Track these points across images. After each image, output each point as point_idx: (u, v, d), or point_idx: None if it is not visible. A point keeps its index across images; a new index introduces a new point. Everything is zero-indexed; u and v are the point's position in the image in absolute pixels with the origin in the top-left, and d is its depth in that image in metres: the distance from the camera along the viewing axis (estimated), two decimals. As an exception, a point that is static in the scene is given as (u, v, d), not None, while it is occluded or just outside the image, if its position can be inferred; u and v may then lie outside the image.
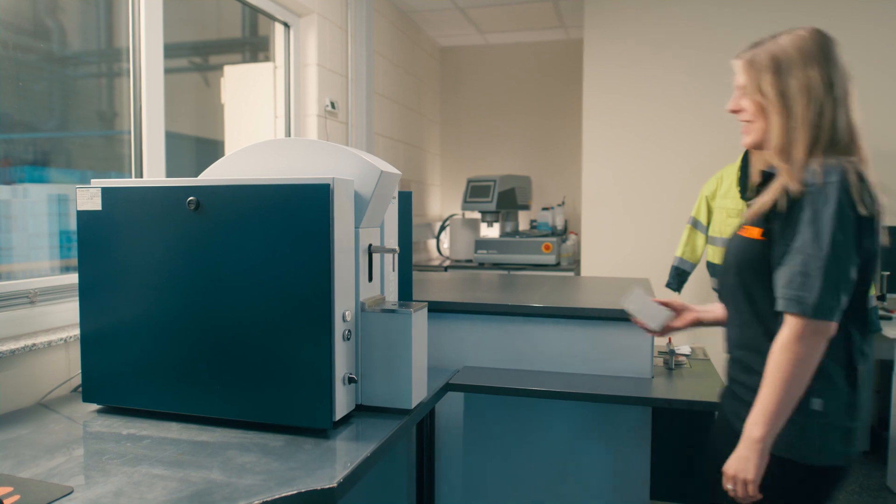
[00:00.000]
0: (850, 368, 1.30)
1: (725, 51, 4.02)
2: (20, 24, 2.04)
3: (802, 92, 1.32)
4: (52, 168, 2.15)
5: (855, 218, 1.23)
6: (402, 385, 1.60)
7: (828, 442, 1.29)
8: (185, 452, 1.35)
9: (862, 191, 1.25)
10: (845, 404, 1.29)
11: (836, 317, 1.22)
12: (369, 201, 1.59)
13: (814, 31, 1.38)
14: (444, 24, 4.92)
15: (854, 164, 1.27)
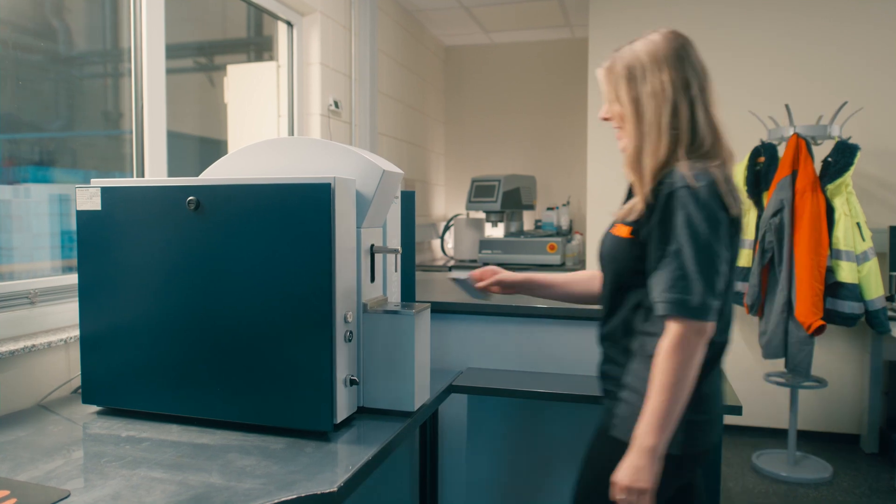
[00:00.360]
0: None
1: (730, 50, 4.00)
2: (26, 24, 2.04)
3: (654, 96, 1.33)
4: (57, 168, 2.15)
5: (724, 221, 1.26)
6: (404, 387, 1.58)
7: (680, 433, 1.29)
8: (185, 455, 1.33)
9: (728, 193, 1.27)
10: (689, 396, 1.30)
11: (714, 316, 1.24)
12: (371, 201, 1.57)
13: (668, 34, 1.39)
14: (449, 23, 4.90)
15: (721, 168, 1.30)
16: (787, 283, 3.24)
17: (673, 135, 1.32)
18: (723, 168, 1.31)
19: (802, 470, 3.43)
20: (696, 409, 1.32)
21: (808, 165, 3.25)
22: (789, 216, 3.24)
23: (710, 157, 1.32)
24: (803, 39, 3.88)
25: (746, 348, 3.99)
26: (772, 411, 3.94)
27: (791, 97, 3.70)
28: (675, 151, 1.31)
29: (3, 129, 1.96)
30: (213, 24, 3.11)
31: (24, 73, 2.01)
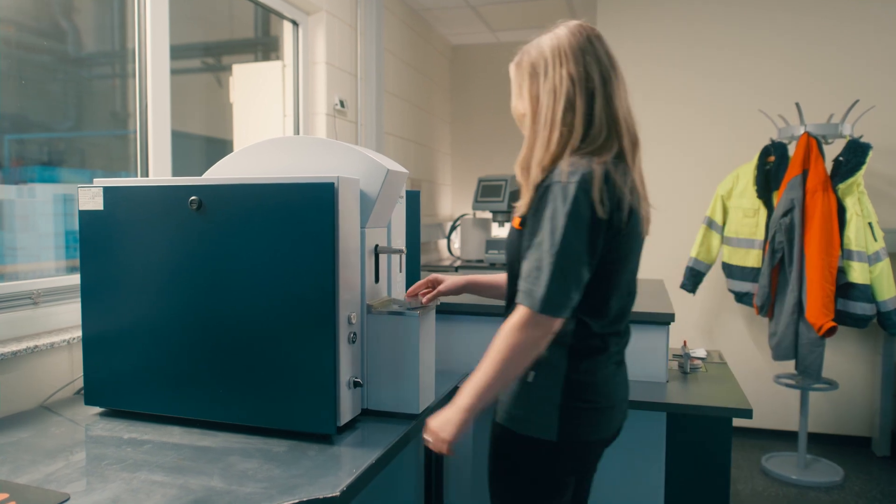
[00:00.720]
0: (574, 351, 1.34)
1: (739, 48, 3.96)
2: (35, 25, 2.04)
3: (552, 92, 1.33)
4: (64, 168, 2.14)
5: (589, 219, 1.25)
6: (409, 389, 1.56)
7: (540, 415, 1.34)
8: (186, 458, 1.32)
9: (603, 192, 1.25)
10: (561, 382, 1.33)
11: (562, 313, 1.25)
12: (375, 201, 1.55)
13: (574, 27, 1.37)
14: (456, 22, 4.87)
15: (604, 165, 1.28)
16: (798, 284, 3.20)
17: (565, 130, 1.31)
18: (610, 163, 1.29)
19: (813, 473, 3.39)
20: (577, 397, 1.34)
21: (819, 164, 3.21)
22: (800, 216, 3.20)
23: (603, 152, 1.31)
24: (814, 37, 3.83)
25: (756, 349, 3.95)
26: (782, 413, 3.90)
27: (802, 95, 3.66)
28: (566, 147, 1.32)
29: (10, 130, 1.96)
30: (220, 24, 3.10)
31: (33, 73, 2.01)
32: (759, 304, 3.42)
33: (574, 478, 1.43)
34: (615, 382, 1.41)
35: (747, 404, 1.82)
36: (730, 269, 3.66)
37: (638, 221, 1.34)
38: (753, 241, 3.52)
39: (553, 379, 1.34)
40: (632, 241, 1.34)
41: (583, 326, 1.34)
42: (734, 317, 4.02)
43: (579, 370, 1.34)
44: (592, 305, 1.33)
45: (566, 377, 1.34)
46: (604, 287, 1.33)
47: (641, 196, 1.36)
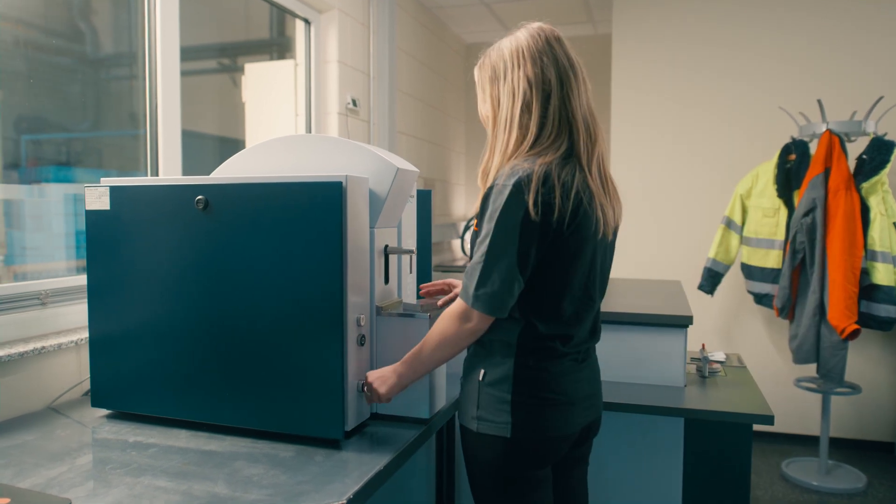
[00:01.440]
0: (522, 349, 1.35)
1: (758, 46, 3.88)
2: (54, 27, 2.05)
3: (510, 95, 1.34)
4: (80, 168, 2.14)
5: (521, 221, 1.25)
6: (419, 393, 1.53)
7: (493, 412, 1.36)
8: (192, 463, 1.29)
9: (539, 194, 1.25)
10: (511, 378, 1.35)
11: (495, 312, 1.29)
12: (385, 200, 1.51)
13: (533, 29, 1.38)
14: (470, 20, 4.83)
15: (546, 165, 1.28)
16: (820, 286, 3.13)
17: (520, 133, 1.33)
18: (555, 163, 1.28)
19: (834, 479, 3.31)
20: (527, 393, 1.34)
21: (842, 163, 3.13)
22: (822, 216, 3.13)
23: (549, 152, 1.31)
24: (836, 32, 3.74)
25: (776, 352, 3.87)
26: (802, 418, 3.81)
27: (823, 92, 3.57)
28: (519, 147, 1.33)
29: (29, 130, 1.97)
30: (236, 25, 3.09)
31: (51, 74, 2.02)
32: (779, 305, 3.35)
33: (546, 472, 1.41)
34: (574, 379, 1.40)
35: (768, 410, 1.76)
36: (749, 269, 3.58)
37: (588, 222, 1.32)
38: (773, 241, 3.45)
39: (502, 377, 1.36)
40: (581, 242, 1.32)
41: (530, 327, 1.35)
42: (753, 319, 3.94)
43: (528, 366, 1.35)
44: (540, 307, 1.34)
45: (515, 373, 1.35)
46: (551, 289, 1.33)
47: (597, 196, 1.34)
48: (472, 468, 1.43)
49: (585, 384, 1.43)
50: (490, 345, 1.39)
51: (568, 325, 1.37)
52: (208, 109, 2.92)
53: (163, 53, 2.18)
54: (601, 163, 1.38)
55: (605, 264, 1.45)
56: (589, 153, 1.35)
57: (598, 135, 1.37)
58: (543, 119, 1.33)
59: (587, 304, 1.40)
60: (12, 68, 1.88)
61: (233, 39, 3.07)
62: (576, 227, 1.30)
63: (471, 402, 1.40)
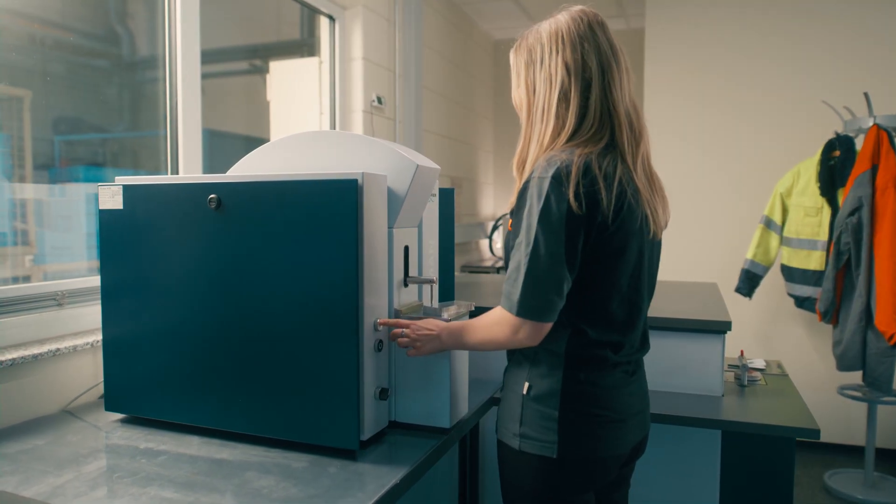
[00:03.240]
0: (571, 359, 1.25)
1: (801, 37, 3.71)
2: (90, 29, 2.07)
3: (547, 81, 1.26)
4: (108, 168, 2.14)
5: (564, 216, 1.16)
6: (439, 401, 1.46)
7: (538, 430, 1.25)
8: (201, 472, 1.24)
9: (580, 187, 1.16)
10: (558, 393, 1.24)
11: (543, 317, 1.19)
12: (404, 198, 1.45)
13: (575, 12, 1.29)
14: (498, 16, 4.75)
15: (586, 157, 1.19)
16: (866, 289, 2.97)
17: (558, 122, 1.24)
18: (595, 155, 1.20)
19: (880, 492, 3.14)
20: (577, 409, 1.24)
21: (891, 159, 2.96)
22: (868, 215, 2.96)
23: (589, 143, 1.21)
24: (883, 21, 3.56)
25: (818, 358, 3.70)
26: (846, 427, 3.64)
27: (870, 85, 3.39)
28: (557, 139, 1.24)
29: (61, 131, 1.97)
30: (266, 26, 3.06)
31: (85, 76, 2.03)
32: (822, 309, 3.19)
33: (590, 495, 1.30)
34: (626, 393, 1.29)
35: (814, 423, 1.64)
36: (790, 271, 3.43)
37: (634, 218, 1.22)
38: (816, 241, 3.29)
39: (549, 389, 1.25)
40: (626, 239, 1.22)
41: (579, 334, 1.25)
42: (794, 323, 3.78)
43: (578, 380, 1.25)
44: (588, 311, 1.24)
45: (563, 387, 1.24)
46: (598, 290, 1.24)
47: (643, 193, 1.25)
48: (510, 489, 1.32)
49: (636, 399, 1.33)
50: (535, 354, 1.28)
51: (619, 331, 1.27)
52: (237, 110, 2.91)
53: (183, 54, 2.15)
54: (646, 160, 1.29)
55: (653, 266, 1.34)
56: (633, 148, 1.25)
57: (643, 130, 1.28)
58: (583, 109, 1.24)
59: (636, 308, 1.29)
60: (48, 70, 1.89)
61: (263, 40, 3.05)
62: (621, 221, 1.20)
63: (512, 418, 1.29)
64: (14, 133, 1.82)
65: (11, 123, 1.81)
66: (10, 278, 1.75)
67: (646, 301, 1.33)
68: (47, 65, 1.89)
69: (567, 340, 1.25)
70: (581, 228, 1.17)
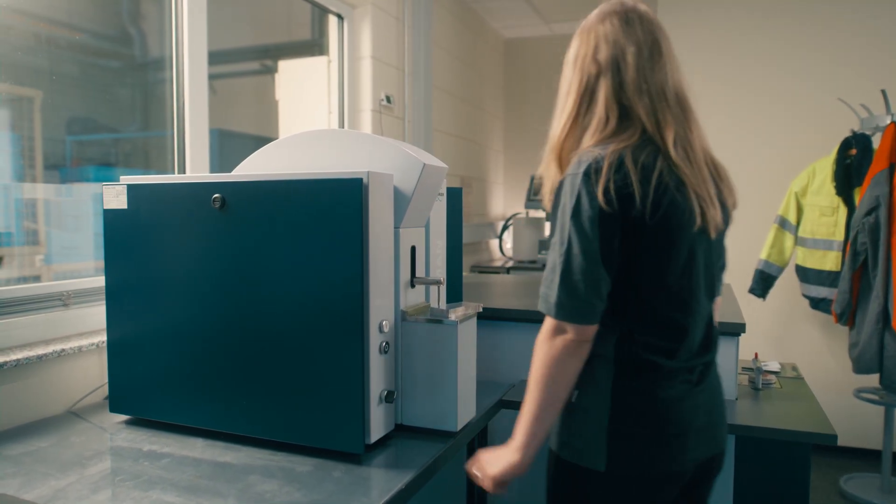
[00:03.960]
0: (621, 366, 1.17)
1: (816, 32, 3.65)
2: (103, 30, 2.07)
3: (581, 74, 1.24)
4: (120, 168, 2.14)
5: (598, 213, 1.11)
6: (446, 405, 1.43)
7: (585, 440, 1.18)
8: (204, 476, 1.22)
9: (611, 182, 1.11)
10: (608, 402, 1.17)
11: (584, 319, 1.13)
12: (411, 198, 1.42)
13: (612, 4, 1.26)
14: (508, 14, 4.71)
15: (618, 151, 1.14)
16: (884, 290, 2.91)
17: (590, 117, 1.22)
18: (629, 149, 1.15)
19: (899, 498, 3.08)
20: (628, 421, 1.16)
21: (909, 158, 2.90)
22: (886, 215, 2.90)
23: (622, 136, 1.17)
24: (902, 19, 3.49)
25: (833, 361, 3.64)
26: (863, 431, 3.57)
27: (888, 82, 3.33)
28: (589, 132, 1.21)
29: (73, 131, 1.97)
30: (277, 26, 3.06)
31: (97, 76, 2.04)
32: (838, 311, 3.13)
33: None
34: (687, 406, 1.19)
35: (830, 428, 1.60)
36: (805, 272, 3.37)
37: (679, 213, 1.15)
38: (832, 241, 3.23)
39: (599, 398, 1.18)
40: (671, 235, 1.15)
41: (626, 337, 1.18)
42: (809, 325, 3.72)
43: (630, 388, 1.17)
44: (633, 312, 1.18)
45: (613, 396, 1.17)
46: (643, 290, 1.17)
47: (691, 185, 1.16)
48: (556, 499, 1.26)
49: (701, 412, 1.21)
50: (589, 360, 1.20)
51: (670, 335, 1.18)
52: (248, 110, 2.91)
53: (191, 54, 2.14)
54: (694, 147, 1.21)
55: (712, 263, 1.24)
56: (675, 136, 1.18)
57: (689, 119, 1.22)
58: (619, 102, 1.19)
59: (690, 309, 1.19)
60: (59, 70, 1.89)
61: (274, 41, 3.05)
62: (662, 217, 1.13)
63: (561, 426, 1.23)
64: (25, 133, 1.82)
65: (22, 124, 1.81)
66: (21, 278, 1.75)
67: (702, 302, 1.22)
68: (58, 65, 1.89)
69: (615, 344, 1.18)
70: (615, 226, 1.12)
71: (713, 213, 1.18)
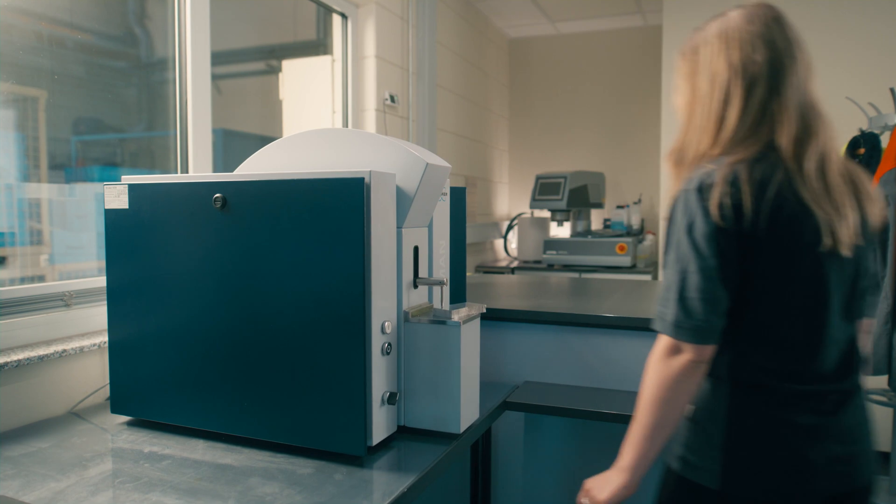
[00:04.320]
0: (738, 386, 1.14)
1: (824, 30, 3.61)
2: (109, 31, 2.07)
3: (711, 82, 1.18)
4: (125, 168, 2.13)
5: (713, 229, 1.08)
6: (449, 406, 1.42)
7: (700, 456, 1.15)
8: (204, 478, 1.21)
9: (725, 197, 1.07)
10: (724, 421, 1.13)
11: (701, 339, 1.10)
12: (414, 198, 1.41)
13: (750, 9, 1.20)
14: (513, 13, 4.69)
15: (733, 165, 1.10)
16: (892, 291, 2.88)
17: (717, 126, 1.16)
18: (746, 162, 1.10)
19: (908, 501, 3.05)
20: (744, 444, 1.11)
21: (918, 157, 2.87)
22: (894, 214, 2.87)
23: (740, 150, 1.13)
24: (911, 17, 3.46)
25: (841, 361, 3.60)
26: (871, 432, 3.54)
27: None
28: (716, 141, 1.16)
29: (79, 132, 1.97)
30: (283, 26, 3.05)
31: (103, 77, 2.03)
32: (846, 312, 3.10)
33: None
34: (816, 435, 1.10)
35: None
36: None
37: (800, 229, 1.09)
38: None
39: (714, 415, 1.14)
40: (789, 253, 1.09)
41: (741, 357, 1.13)
42: (816, 325, 3.68)
43: (746, 410, 1.12)
44: (751, 332, 1.12)
45: (728, 416, 1.13)
46: (761, 309, 1.11)
47: (815, 200, 1.09)
48: None
49: (833, 443, 1.11)
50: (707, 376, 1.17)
51: (793, 357, 1.12)
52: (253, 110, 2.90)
53: (194, 53, 2.13)
54: (830, 158, 1.13)
55: (850, 282, 1.15)
56: (802, 149, 1.12)
57: (819, 128, 1.14)
58: (746, 111, 1.14)
59: (816, 332, 1.11)
60: (63, 70, 1.89)
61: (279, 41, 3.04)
62: (779, 233, 1.08)
63: (677, 439, 1.19)
64: (29, 133, 1.82)
65: (27, 123, 1.81)
66: (27, 277, 1.75)
67: (835, 324, 1.13)
68: (64, 65, 1.89)
69: (729, 364, 1.14)
70: (730, 242, 1.08)
71: (845, 229, 1.10)
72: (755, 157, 1.11)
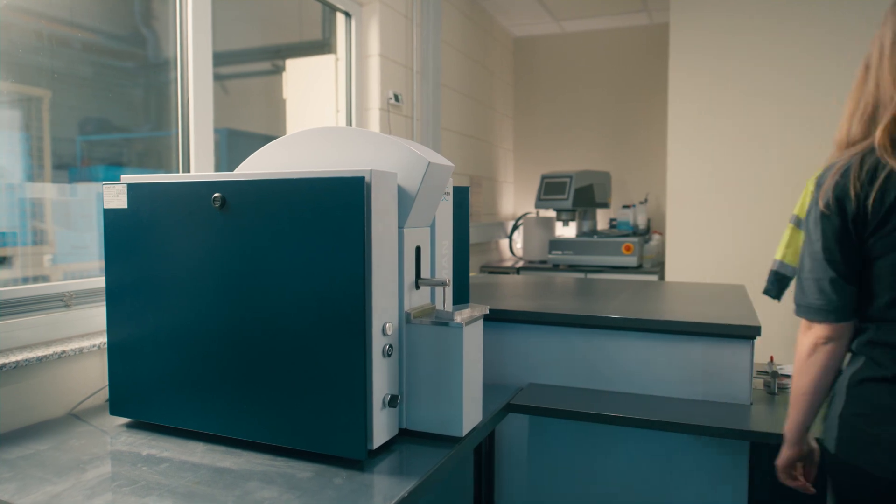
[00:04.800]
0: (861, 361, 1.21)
1: (831, 30, 3.57)
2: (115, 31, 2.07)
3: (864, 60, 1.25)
4: (129, 168, 2.12)
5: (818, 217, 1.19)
6: (451, 409, 1.39)
7: (828, 420, 1.25)
8: (202, 482, 1.19)
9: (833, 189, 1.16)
10: (844, 386, 1.23)
11: (824, 317, 1.20)
12: (415, 197, 1.39)
13: None
14: (517, 12, 4.67)
15: (854, 156, 1.16)
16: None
17: (864, 109, 1.20)
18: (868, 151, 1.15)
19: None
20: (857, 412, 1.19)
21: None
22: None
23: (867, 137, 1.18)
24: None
25: (850, 363, 3.56)
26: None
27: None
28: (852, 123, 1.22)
29: (84, 131, 1.97)
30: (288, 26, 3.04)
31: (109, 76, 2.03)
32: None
33: None
34: None
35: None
36: (821, 273, 3.30)
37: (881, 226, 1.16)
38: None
39: (840, 386, 1.25)
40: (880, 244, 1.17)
41: (863, 333, 1.22)
42: (825, 326, 3.64)
43: (861, 381, 1.20)
44: (870, 309, 1.21)
45: (848, 389, 1.22)
46: (877, 294, 1.19)
47: None
48: None
49: None
50: None
51: None
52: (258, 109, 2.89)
53: (195, 53, 2.12)
54: None
55: None
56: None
57: None
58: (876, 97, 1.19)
59: None
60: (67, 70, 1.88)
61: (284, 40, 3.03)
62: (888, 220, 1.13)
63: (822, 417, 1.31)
64: (33, 133, 1.81)
65: (31, 123, 1.80)
66: (30, 277, 1.74)
67: None
68: (68, 65, 1.88)
69: (856, 339, 1.24)
70: (836, 227, 1.17)
71: None
72: (872, 147, 1.16)
